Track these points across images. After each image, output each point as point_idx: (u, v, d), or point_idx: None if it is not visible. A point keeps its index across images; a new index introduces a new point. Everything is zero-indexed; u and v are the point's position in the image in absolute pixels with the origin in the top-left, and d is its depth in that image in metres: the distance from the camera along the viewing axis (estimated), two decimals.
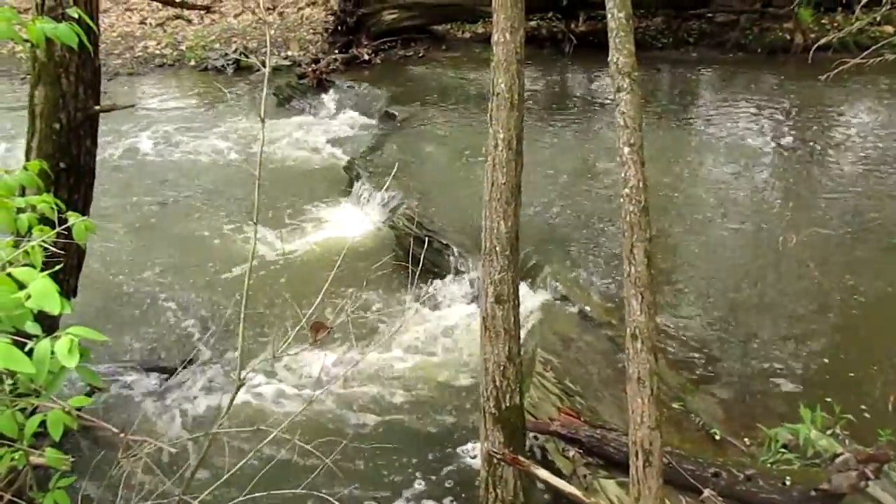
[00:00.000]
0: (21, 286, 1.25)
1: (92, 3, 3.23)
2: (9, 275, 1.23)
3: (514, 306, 2.78)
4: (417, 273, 3.61)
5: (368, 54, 11.04)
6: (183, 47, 12.15)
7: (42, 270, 1.33)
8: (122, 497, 1.88)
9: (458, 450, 3.75)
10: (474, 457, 3.54)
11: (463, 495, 3.48)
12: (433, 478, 3.59)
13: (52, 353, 1.25)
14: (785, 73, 9.73)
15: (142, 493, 2.01)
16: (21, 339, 1.28)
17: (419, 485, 3.55)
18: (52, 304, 1.18)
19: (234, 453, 2.19)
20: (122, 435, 1.50)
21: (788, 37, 10.60)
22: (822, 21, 10.64)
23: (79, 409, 1.72)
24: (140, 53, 12.06)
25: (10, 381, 1.65)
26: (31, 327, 1.34)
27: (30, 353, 1.27)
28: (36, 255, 1.48)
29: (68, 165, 3.30)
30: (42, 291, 1.18)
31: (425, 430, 3.93)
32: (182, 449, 2.56)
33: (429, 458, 3.73)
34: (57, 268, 1.38)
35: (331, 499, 1.92)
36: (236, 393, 1.99)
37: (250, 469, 2.24)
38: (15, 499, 1.84)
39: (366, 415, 4.04)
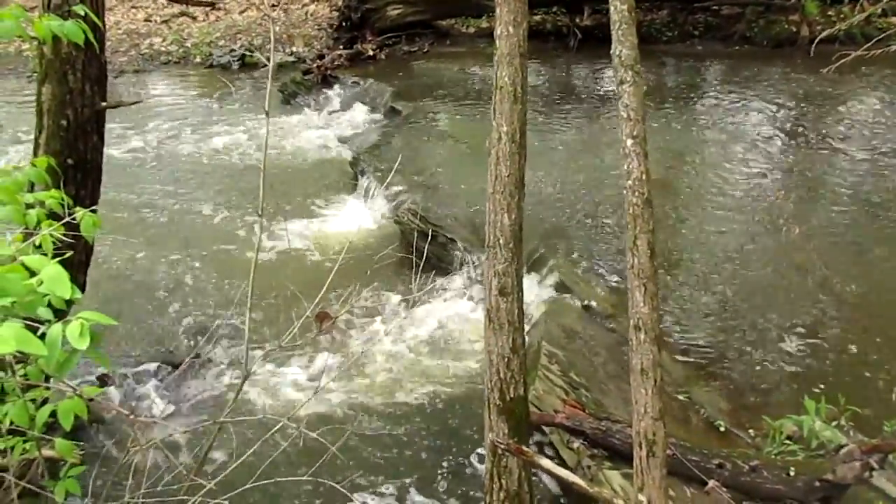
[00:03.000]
0: (33, 274, 1.27)
1: (97, 0, 3.26)
2: (21, 263, 1.25)
3: (518, 298, 2.79)
4: (421, 267, 3.63)
5: (373, 50, 11.05)
6: (188, 44, 12.19)
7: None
8: (133, 482, 1.91)
9: (462, 440, 3.78)
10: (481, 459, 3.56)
11: (466, 487, 3.50)
12: (437, 467, 3.62)
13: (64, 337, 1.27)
14: (791, 65, 9.69)
15: (152, 479, 2.04)
16: (33, 325, 1.31)
17: (423, 474, 3.58)
18: (64, 288, 1.21)
19: (242, 442, 2.21)
20: (130, 416, 1.53)
21: (794, 29, 10.56)
22: (829, 13, 10.58)
23: (90, 400, 1.74)
24: (146, 51, 12.10)
25: (21, 372, 1.67)
26: (44, 313, 1.36)
27: (42, 337, 1.29)
28: (47, 243, 1.50)
29: (76, 162, 3.33)
30: (53, 277, 1.20)
31: (428, 421, 3.95)
32: (190, 440, 2.59)
33: (432, 446, 3.75)
34: (67, 255, 1.40)
35: (337, 486, 1.94)
36: (243, 383, 2.02)
37: (258, 457, 2.27)
38: (28, 485, 1.88)
39: (369, 405, 4.06)
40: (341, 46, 11.15)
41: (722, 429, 3.54)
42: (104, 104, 3.42)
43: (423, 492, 3.46)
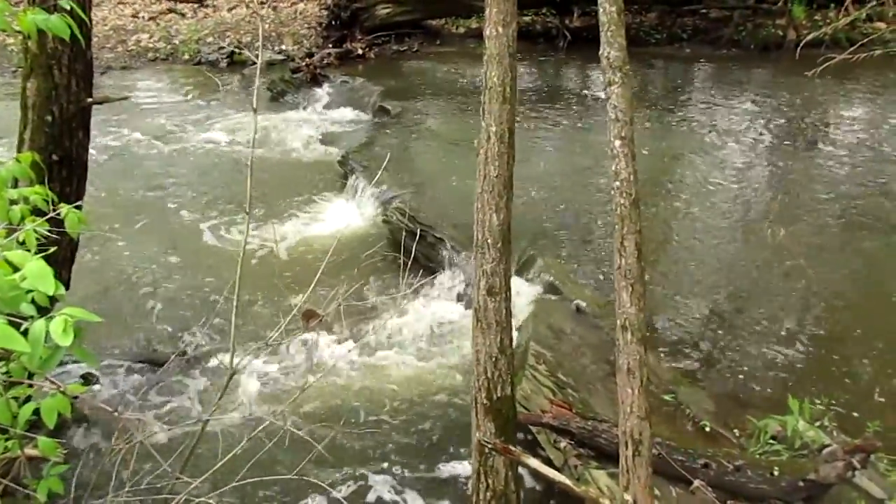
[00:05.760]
0: (16, 270, 1.25)
1: None
2: (4, 259, 1.24)
3: (506, 298, 2.79)
4: (408, 266, 3.63)
5: (362, 49, 11.05)
6: (176, 41, 12.11)
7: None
8: (118, 480, 1.90)
9: (449, 440, 3.77)
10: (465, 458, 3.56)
11: (452, 486, 3.50)
12: (423, 466, 3.62)
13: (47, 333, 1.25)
14: (777, 68, 9.79)
15: (136, 478, 2.02)
16: (16, 320, 1.29)
17: (409, 473, 3.57)
18: (47, 284, 1.19)
19: (228, 440, 2.20)
20: (115, 413, 1.52)
21: (781, 33, 10.68)
22: (815, 17, 10.70)
23: (74, 398, 1.73)
24: (133, 47, 12.00)
25: (4, 369, 1.65)
26: (27, 308, 1.34)
27: (25, 334, 1.28)
28: (30, 239, 1.48)
29: (61, 158, 3.30)
30: (37, 272, 1.19)
31: (415, 420, 3.94)
32: (175, 438, 2.57)
33: (419, 445, 3.75)
34: (51, 250, 1.39)
35: (323, 484, 1.93)
36: (228, 381, 2.01)
37: (244, 455, 2.26)
38: (11, 484, 1.86)
39: (355, 404, 4.05)
40: (330, 45, 11.13)
41: (707, 429, 3.56)
42: (90, 100, 3.39)
43: (409, 491, 3.46)
